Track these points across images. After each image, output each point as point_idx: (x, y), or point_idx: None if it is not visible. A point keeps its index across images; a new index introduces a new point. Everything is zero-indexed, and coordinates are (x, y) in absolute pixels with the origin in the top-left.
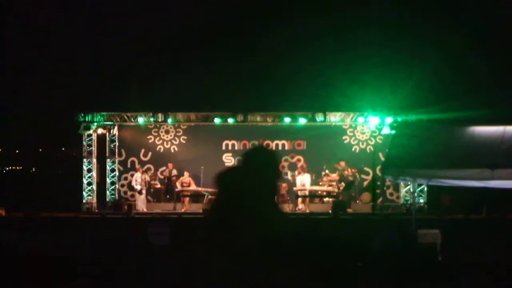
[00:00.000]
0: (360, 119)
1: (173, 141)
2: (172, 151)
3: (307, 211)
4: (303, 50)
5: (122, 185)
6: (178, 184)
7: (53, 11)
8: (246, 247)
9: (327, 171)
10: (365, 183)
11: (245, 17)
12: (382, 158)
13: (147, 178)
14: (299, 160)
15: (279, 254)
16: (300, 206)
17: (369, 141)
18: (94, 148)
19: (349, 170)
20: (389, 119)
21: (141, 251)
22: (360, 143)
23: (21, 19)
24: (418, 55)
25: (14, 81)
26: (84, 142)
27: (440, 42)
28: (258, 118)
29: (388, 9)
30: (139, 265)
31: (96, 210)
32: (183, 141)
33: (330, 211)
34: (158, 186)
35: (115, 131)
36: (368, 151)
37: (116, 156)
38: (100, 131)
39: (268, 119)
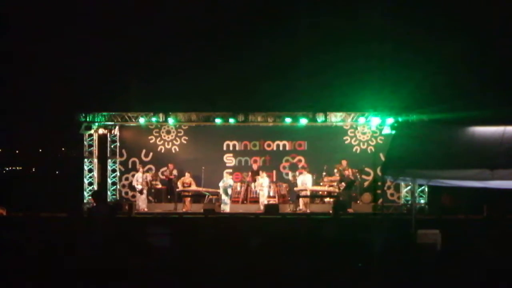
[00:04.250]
0: (361, 120)
1: (174, 141)
2: (173, 151)
3: (308, 211)
4: (304, 50)
5: (123, 186)
6: (179, 184)
7: (54, 11)
8: None
9: (324, 173)
10: (366, 183)
11: (246, 17)
12: (383, 159)
13: (148, 178)
14: (300, 161)
15: None
16: (301, 206)
17: (370, 142)
18: (95, 148)
19: (350, 170)
20: (390, 120)
21: (142, 252)
22: (361, 144)
23: (22, 19)
24: (419, 55)
25: (15, 81)
26: (85, 142)
27: (441, 42)
28: (259, 119)
29: (390, 9)
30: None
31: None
32: (184, 142)
33: (330, 211)
34: (159, 186)
35: (116, 131)
36: (369, 151)
37: (117, 156)
38: (101, 131)
39: (269, 119)
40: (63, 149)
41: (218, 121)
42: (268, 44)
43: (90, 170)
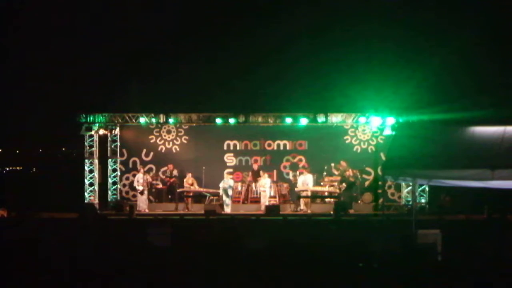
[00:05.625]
0: (362, 120)
1: (174, 141)
2: (174, 151)
3: (309, 211)
4: (305, 50)
5: (124, 185)
6: (185, 184)
7: (55, 12)
8: None
9: (325, 173)
10: (367, 183)
11: (246, 17)
12: (384, 158)
13: (149, 178)
14: (300, 160)
15: None
16: (302, 206)
17: (370, 142)
18: (95, 149)
19: (351, 170)
20: (390, 120)
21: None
22: (362, 144)
23: (23, 20)
24: (420, 56)
25: (16, 81)
26: (85, 142)
27: (442, 43)
28: (260, 119)
29: (390, 9)
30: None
31: (98, 211)
32: (185, 141)
33: (331, 212)
34: (160, 186)
35: (116, 131)
36: (370, 151)
37: (118, 156)
38: (101, 131)
39: (269, 119)
40: (63, 149)
41: (218, 121)
42: (269, 44)
43: (91, 171)
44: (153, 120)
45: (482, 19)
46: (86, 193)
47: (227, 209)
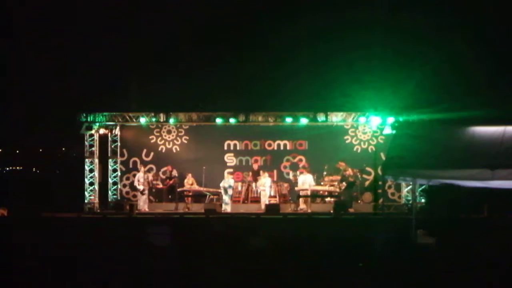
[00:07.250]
0: (362, 119)
1: (175, 141)
2: (174, 151)
3: (309, 211)
4: (305, 50)
5: (124, 185)
6: (185, 184)
7: (55, 11)
8: None
9: (325, 173)
10: (367, 183)
11: (247, 16)
12: (384, 158)
13: (150, 177)
14: (300, 160)
15: None
16: (302, 206)
17: (370, 141)
18: (96, 149)
19: (351, 170)
20: (390, 119)
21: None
22: (362, 143)
23: (23, 19)
24: (420, 55)
25: (15, 81)
26: (86, 142)
27: (441, 42)
28: (260, 118)
29: (390, 9)
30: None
31: (98, 210)
32: (185, 141)
33: (331, 211)
34: (160, 186)
35: (117, 131)
36: (370, 151)
37: (118, 156)
38: (102, 131)
39: (269, 119)
40: (63, 149)
41: (219, 121)
42: (269, 43)
43: (91, 170)
44: (153, 119)
45: (482, 19)
46: (86, 193)
47: (227, 209)
